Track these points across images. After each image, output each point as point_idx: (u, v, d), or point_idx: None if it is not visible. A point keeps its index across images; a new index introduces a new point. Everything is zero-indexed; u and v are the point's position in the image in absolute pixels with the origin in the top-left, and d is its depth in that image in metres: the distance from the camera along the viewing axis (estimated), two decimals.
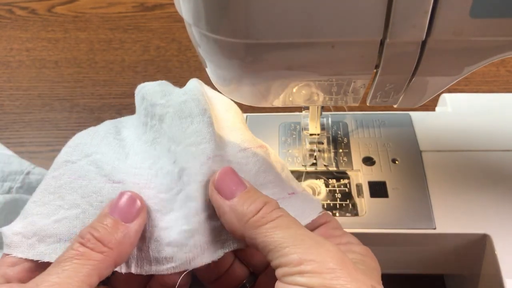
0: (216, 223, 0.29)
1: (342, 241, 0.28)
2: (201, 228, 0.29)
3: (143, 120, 0.33)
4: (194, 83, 0.34)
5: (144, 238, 0.29)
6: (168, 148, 0.31)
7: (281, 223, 0.26)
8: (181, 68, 0.69)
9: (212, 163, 0.29)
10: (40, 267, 0.28)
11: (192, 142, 0.30)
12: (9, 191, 0.45)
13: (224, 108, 0.35)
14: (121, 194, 0.29)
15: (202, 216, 0.29)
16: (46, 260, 0.28)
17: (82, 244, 0.26)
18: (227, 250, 0.29)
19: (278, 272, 0.25)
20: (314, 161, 0.43)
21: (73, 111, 0.63)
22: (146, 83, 0.34)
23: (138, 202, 0.28)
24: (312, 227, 0.30)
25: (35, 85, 0.67)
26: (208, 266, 0.29)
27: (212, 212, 0.29)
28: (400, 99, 0.30)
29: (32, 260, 0.28)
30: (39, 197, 0.30)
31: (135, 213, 0.28)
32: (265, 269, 0.32)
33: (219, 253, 0.29)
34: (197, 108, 0.31)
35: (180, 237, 0.28)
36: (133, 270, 0.29)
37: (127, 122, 0.35)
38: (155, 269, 0.29)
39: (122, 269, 0.29)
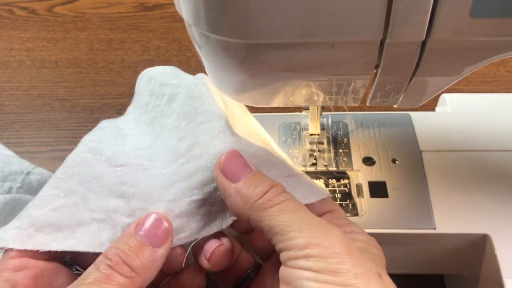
0: None
1: (346, 230, 0.28)
2: (211, 198, 0.30)
3: (145, 100, 0.34)
4: (201, 75, 0.36)
5: None
6: (176, 126, 0.32)
7: (287, 206, 0.26)
8: (181, 68, 0.68)
9: (224, 136, 0.30)
10: (48, 272, 0.28)
11: (203, 120, 0.31)
12: (9, 191, 0.45)
13: (231, 102, 0.36)
14: (148, 215, 0.28)
15: (212, 186, 0.30)
16: (46, 249, 0.27)
17: (110, 267, 0.25)
18: (234, 218, 0.29)
19: (283, 256, 0.25)
20: (314, 161, 0.43)
21: (73, 111, 0.63)
22: (154, 67, 0.35)
23: (165, 223, 0.27)
24: (317, 215, 0.29)
25: (35, 85, 0.67)
26: (224, 256, 0.29)
27: None
28: (400, 99, 0.30)
29: (38, 266, 0.27)
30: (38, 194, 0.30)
31: (162, 236, 0.27)
32: (270, 256, 0.31)
33: (228, 221, 0.29)
34: (207, 91, 0.33)
35: (190, 207, 0.29)
36: None
37: (121, 118, 0.35)
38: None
39: None
